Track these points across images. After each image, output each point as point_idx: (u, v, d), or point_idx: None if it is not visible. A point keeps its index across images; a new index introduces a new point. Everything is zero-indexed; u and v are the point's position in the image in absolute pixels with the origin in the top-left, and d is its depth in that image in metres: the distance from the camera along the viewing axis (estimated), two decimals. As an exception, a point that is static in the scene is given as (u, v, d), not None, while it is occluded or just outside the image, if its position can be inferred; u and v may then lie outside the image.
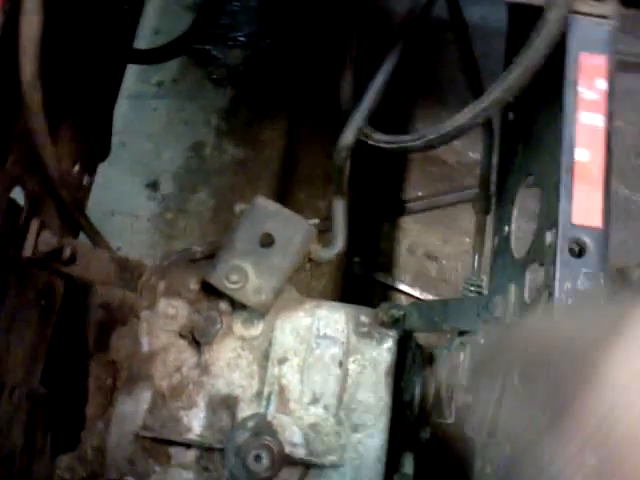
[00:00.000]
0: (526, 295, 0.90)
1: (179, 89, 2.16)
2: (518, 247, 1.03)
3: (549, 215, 0.84)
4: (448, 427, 1.12)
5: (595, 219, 0.66)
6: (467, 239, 1.93)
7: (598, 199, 0.68)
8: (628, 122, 2.09)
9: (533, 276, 0.90)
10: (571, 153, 0.69)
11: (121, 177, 1.96)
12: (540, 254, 0.85)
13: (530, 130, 0.99)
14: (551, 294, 0.68)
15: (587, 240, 0.67)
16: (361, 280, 1.87)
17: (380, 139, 0.92)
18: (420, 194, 1.96)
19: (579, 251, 0.67)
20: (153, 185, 2.01)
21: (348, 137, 0.92)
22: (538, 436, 0.49)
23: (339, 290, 1.87)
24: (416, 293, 1.83)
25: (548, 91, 0.84)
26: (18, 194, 0.96)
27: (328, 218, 1.85)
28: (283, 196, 1.94)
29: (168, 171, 2.03)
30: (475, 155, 2.02)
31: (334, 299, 1.86)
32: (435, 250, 1.91)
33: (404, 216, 1.94)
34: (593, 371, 0.44)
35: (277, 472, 1.00)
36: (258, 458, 0.95)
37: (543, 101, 0.89)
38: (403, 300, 1.86)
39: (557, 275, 0.67)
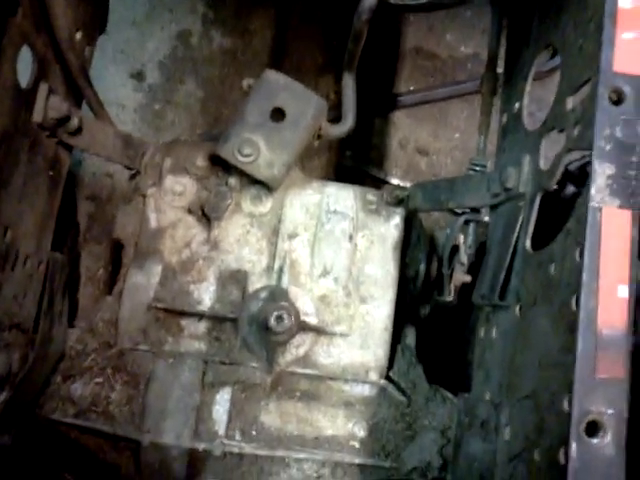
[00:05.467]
0: (541, 163, 0.92)
1: (162, -26, 2.05)
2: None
3: (571, 80, 0.85)
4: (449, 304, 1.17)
5: (636, 67, 0.67)
6: (457, 134, 1.94)
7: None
8: None
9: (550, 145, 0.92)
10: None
11: (105, 66, 1.88)
12: (560, 120, 0.87)
13: (549, 1, 0.98)
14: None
15: (626, 89, 0.68)
16: (352, 173, 1.87)
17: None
18: (412, 88, 1.94)
19: (618, 99, 0.68)
20: (138, 75, 1.94)
21: (371, -3, 0.89)
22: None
23: (331, 183, 1.87)
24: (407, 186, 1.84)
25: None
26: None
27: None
28: (274, 88, 1.90)
29: (153, 61, 1.96)
30: (467, 50, 1.99)
31: (325, 192, 1.88)
32: (426, 145, 1.91)
33: (395, 110, 1.93)
34: None
35: (293, 336, 1.03)
36: (279, 319, 0.98)
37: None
38: (394, 194, 1.87)
39: (596, 122, 0.68)
